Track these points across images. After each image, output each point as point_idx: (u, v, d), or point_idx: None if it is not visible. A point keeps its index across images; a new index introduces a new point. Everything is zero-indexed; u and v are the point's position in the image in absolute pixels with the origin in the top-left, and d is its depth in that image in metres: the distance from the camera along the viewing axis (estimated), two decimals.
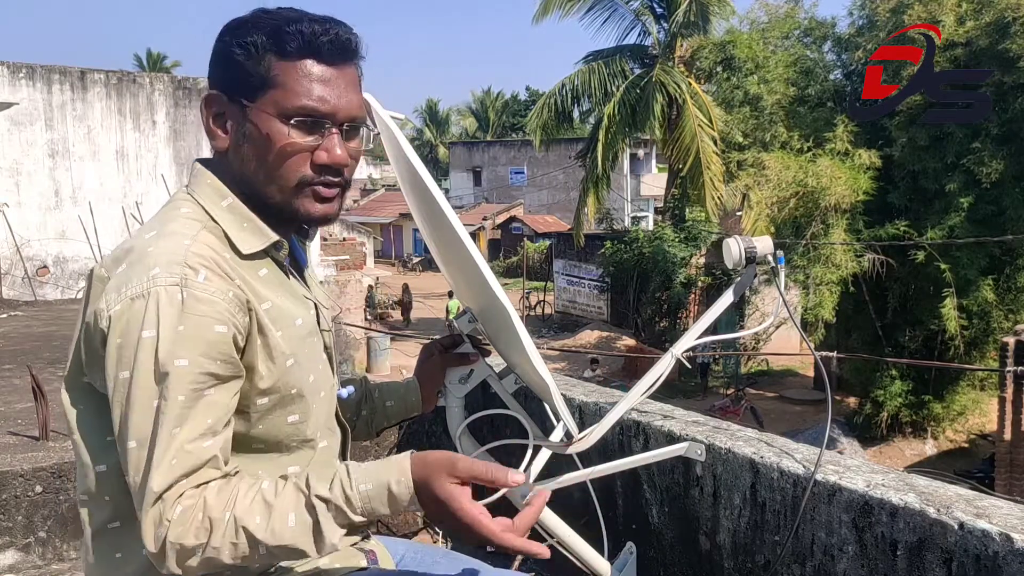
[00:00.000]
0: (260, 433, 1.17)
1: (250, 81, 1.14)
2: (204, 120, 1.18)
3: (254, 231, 1.18)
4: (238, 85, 1.15)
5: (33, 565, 2.90)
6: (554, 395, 1.43)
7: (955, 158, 11.94)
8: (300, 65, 1.14)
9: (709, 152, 18.26)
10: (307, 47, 1.14)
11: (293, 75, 1.14)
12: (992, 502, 1.60)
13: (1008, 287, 13.13)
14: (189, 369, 1.04)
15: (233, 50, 1.14)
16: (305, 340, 1.23)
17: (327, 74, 1.15)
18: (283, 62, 1.14)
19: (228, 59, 1.15)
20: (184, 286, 1.05)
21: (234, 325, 1.08)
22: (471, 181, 45.05)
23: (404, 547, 1.53)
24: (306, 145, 1.15)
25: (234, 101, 1.16)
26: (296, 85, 1.14)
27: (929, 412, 14.00)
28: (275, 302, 1.17)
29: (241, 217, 1.17)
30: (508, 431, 1.47)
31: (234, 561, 1.03)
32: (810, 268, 12.63)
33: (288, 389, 1.18)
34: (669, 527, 2.25)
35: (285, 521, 1.03)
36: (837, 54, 14.92)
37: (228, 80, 1.16)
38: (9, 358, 5.68)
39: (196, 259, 1.08)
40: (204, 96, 1.19)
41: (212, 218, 1.16)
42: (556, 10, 20.75)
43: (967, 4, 12.04)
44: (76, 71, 13.38)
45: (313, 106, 1.14)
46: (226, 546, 1.02)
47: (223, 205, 1.17)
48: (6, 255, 12.78)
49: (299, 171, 1.16)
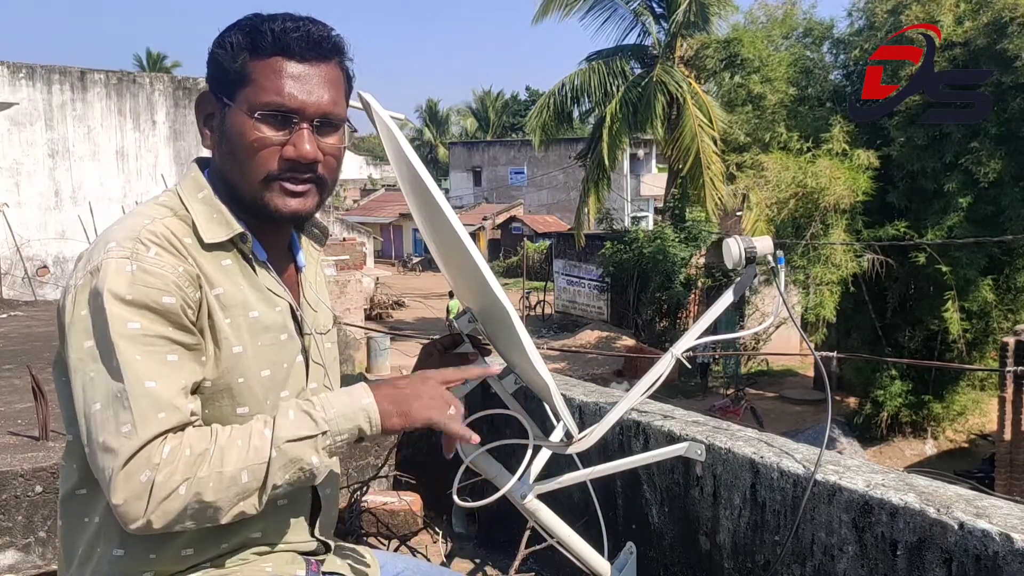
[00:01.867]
0: (207, 418, 1.18)
1: (229, 80, 1.19)
2: (196, 119, 1.26)
3: (221, 222, 1.21)
4: (221, 84, 1.20)
5: (33, 565, 2.90)
6: (554, 395, 1.43)
7: (954, 158, 11.95)
8: (271, 62, 1.18)
9: (709, 152, 18.26)
10: (277, 44, 1.17)
11: (264, 72, 1.17)
12: (992, 502, 1.60)
13: (1008, 287, 13.14)
14: (141, 332, 1.09)
15: (216, 51, 1.20)
16: (261, 334, 1.23)
17: (297, 71, 1.18)
18: (256, 60, 1.18)
19: (212, 59, 1.21)
20: (134, 259, 1.11)
21: (182, 298, 1.13)
22: (471, 181, 45.03)
23: (403, 563, 1.52)
24: (275, 140, 1.18)
25: (219, 100, 1.21)
26: (265, 81, 1.17)
27: (929, 412, 14.00)
28: (228, 290, 1.20)
29: (212, 208, 1.22)
30: (508, 431, 1.47)
31: (216, 497, 1.07)
32: (810, 268, 12.64)
33: (234, 378, 1.20)
34: (669, 527, 2.25)
35: (265, 439, 1.10)
36: (835, 55, 14.94)
37: (213, 80, 1.22)
38: (9, 358, 5.68)
39: (149, 236, 1.13)
40: (197, 96, 1.25)
41: (186, 208, 1.21)
42: (556, 10, 20.75)
43: (965, 4, 12.05)
44: (76, 71, 13.38)
45: (280, 101, 1.17)
46: (212, 476, 1.07)
47: (198, 197, 1.22)
48: (6, 255, 12.78)
49: (266, 166, 1.19)
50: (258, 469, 1.10)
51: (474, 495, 1.75)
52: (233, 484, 1.08)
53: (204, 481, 1.07)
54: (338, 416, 1.14)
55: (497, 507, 1.61)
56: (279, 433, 1.11)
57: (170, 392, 1.09)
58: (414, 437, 3.34)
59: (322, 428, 1.13)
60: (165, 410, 1.08)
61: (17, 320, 8.21)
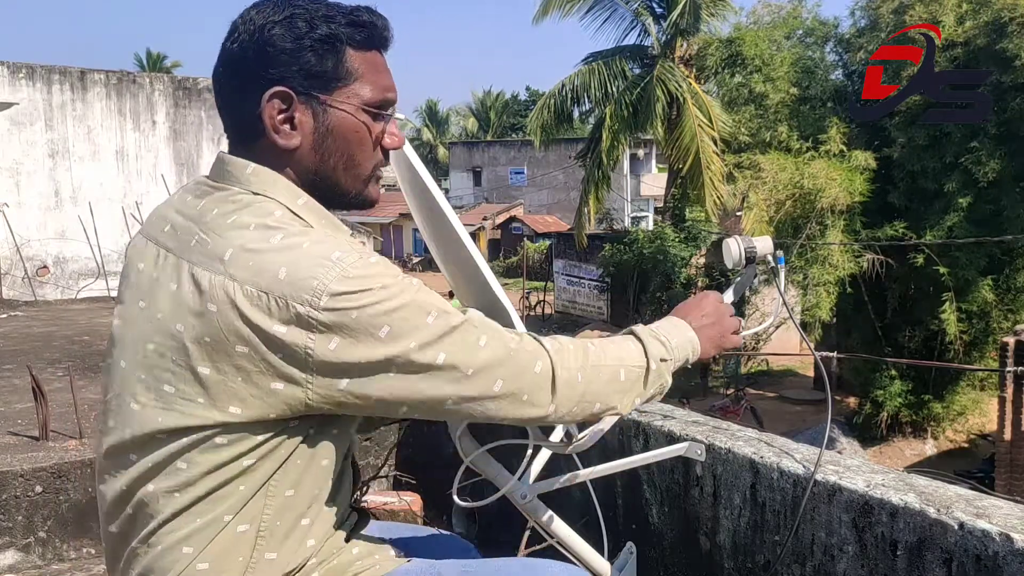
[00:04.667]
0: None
1: (326, 75, 1.13)
2: (269, 118, 1.11)
3: (330, 225, 1.17)
4: (310, 79, 1.12)
5: (33, 565, 2.90)
6: None
7: (954, 158, 11.95)
8: (371, 56, 1.17)
9: (709, 152, 18.26)
10: (376, 38, 1.17)
11: (368, 66, 1.16)
12: (992, 502, 1.60)
13: (1007, 287, 13.14)
14: (444, 304, 1.09)
15: (303, 43, 1.11)
16: None
17: (385, 63, 1.20)
18: (359, 53, 1.15)
19: (296, 53, 1.11)
20: (361, 257, 1.05)
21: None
22: (471, 181, 45.03)
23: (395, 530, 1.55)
24: (378, 133, 1.18)
25: (306, 95, 1.12)
26: (372, 76, 1.16)
27: (929, 412, 14.01)
28: None
29: (317, 214, 1.15)
30: (508, 431, 1.47)
31: (600, 388, 1.18)
32: (808, 269, 12.64)
33: None
34: (669, 527, 2.25)
35: (640, 350, 1.24)
36: (839, 54, 14.94)
37: (298, 74, 1.12)
38: (9, 358, 5.69)
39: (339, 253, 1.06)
40: (271, 93, 1.10)
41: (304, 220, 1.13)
42: (556, 10, 20.75)
43: (967, 4, 12.05)
44: (76, 71, 13.37)
45: (390, 97, 1.18)
46: (599, 367, 1.18)
47: (299, 203, 1.14)
48: (6, 255, 12.77)
49: (374, 159, 1.19)
50: (635, 372, 1.22)
51: (474, 495, 1.75)
52: (614, 380, 1.19)
53: (594, 371, 1.17)
54: (678, 346, 1.28)
55: (497, 507, 1.61)
56: (650, 350, 1.24)
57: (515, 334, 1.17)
58: (414, 435, 3.34)
59: (672, 355, 1.26)
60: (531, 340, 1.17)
61: (17, 320, 8.22)
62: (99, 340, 6.68)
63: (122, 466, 1.10)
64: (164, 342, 1.05)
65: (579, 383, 1.16)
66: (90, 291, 12.56)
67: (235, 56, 1.12)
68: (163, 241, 1.12)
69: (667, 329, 1.31)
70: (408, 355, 1.03)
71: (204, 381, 1.03)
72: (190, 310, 1.03)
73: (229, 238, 1.05)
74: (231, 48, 1.12)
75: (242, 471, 1.06)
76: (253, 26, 1.11)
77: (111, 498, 1.12)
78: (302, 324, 0.99)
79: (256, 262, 1.02)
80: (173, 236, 1.11)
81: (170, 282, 1.07)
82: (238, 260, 1.03)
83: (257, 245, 1.03)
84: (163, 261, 1.10)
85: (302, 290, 0.99)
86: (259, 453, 1.06)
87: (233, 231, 1.06)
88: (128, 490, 1.09)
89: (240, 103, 1.13)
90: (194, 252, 1.07)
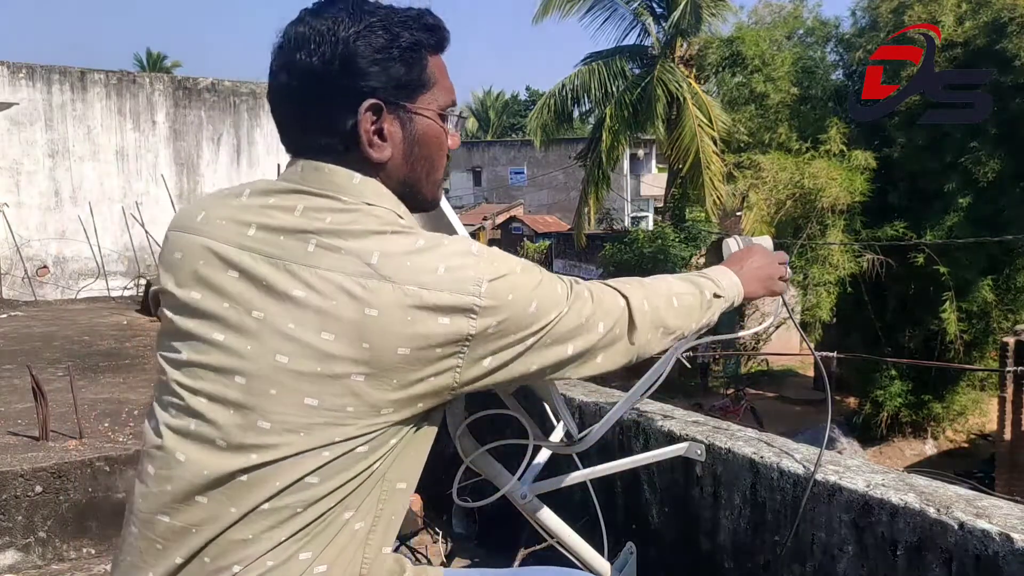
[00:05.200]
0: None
1: (412, 83, 1.12)
2: (365, 132, 1.09)
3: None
4: (399, 89, 1.11)
5: (33, 565, 2.90)
6: (554, 395, 1.43)
7: (953, 158, 11.96)
8: (439, 60, 1.17)
9: (709, 152, 18.26)
10: (444, 41, 1.17)
11: (440, 71, 1.16)
12: (992, 502, 1.60)
13: (1007, 287, 13.15)
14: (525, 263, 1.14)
15: (392, 53, 1.10)
16: None
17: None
18: (433, 58, 1.15)
19: (386, 64, 1.09)
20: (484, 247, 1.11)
21: None
22: (471, 181, 45.04)
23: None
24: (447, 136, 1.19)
25: (395, 105, 1.11)
26: (444, 80, 1.17)
27: (929, 412, 14.01)
28: None
29: (414, 223, 1.15)
30: (508, 431, 1.47)
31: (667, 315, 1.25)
32: (808, 269, 12.65)
33: None
34: (669, 527, 2.25)
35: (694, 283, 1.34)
36: (840, 54, 14.94)
37: (387, 85, 1.10)
38: (9, 358, 5.68)
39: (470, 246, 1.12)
40: (365, 107, 1.08)
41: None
42: (556, 11, 20.75)
43: (966, 4, 12.05)
44: (76, 71, 13.37)
45: (454, 98, 1.19)
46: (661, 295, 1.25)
47: (401, 211, 1.14)
48: (6, 255, 12.77)
49: (444, 162, 1.20)
50: (693, 301, 1.30)
51: (474, 495, 1.75)
52: (670, 305, 1.26)
53: (656, 296, 1.24)
54: (727, 287, 1.37)
55: (497, 507, 1.61)
56: (699, 282, 1.33)
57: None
58: None
59: (723, 294, 1.35)
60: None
61: (17, 320, 8.22)
62: (99, 340, 6.68)
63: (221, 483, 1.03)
64: (302, 352, 1.00)
65: (647, 310, 1.22)
66: (90, 291, 12.57)
67: (316, 70, 1.08)
68: (254, 247, 1.07)
69: (717, 272, 1.41)
70: (551, 326, 1.09)
71: (356, 389, 1.00)
72: (340, 317, 1.00)
73: (369, 243, 1.03)
74: (310, 62, 1.08)
75: (371, 473, 1.05)
76: (335, 38, 1.07)
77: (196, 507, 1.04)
78: (466, 313, 1.02)
79: (413, 263, 1.02)
80: (271, 242, 1.06)
81: (293, 289, 1.02)
82: (391, 263, 1.02)
83: (405, 248, 1.03)
84: (266, 267, 1.05)
85: (464, 281, 1.02)
86: (386, 451, 1.06)
87: (370, 237, 1.04)
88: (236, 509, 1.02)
89: (324, 118, 1.09)
90: (318, 258, 1.03)
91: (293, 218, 1.07)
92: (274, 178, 1.17)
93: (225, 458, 1.03)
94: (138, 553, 1.08)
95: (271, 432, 1.02)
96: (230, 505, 1.03)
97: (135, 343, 6.51)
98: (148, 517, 1.07)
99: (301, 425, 1.01)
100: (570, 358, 1.13)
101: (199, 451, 1.05)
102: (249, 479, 1.02)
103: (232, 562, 1.03)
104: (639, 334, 1.20)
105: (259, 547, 1.02)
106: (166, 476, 1.07)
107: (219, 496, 1.03)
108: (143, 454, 1.11)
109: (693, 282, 1.33)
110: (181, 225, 1.16)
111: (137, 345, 6.40)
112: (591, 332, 1.14)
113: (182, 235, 1.14)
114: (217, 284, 1.08)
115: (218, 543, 1.03)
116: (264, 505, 1.02)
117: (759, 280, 1.45)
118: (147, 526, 1.07)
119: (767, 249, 1.53)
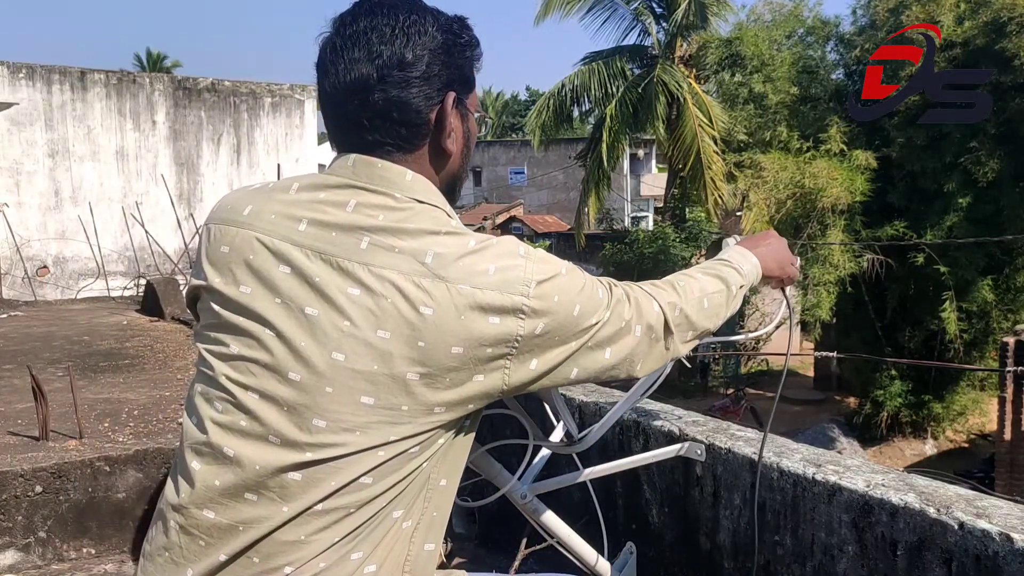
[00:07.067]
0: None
1: (470, 81, 1.17)
2: (448, 125, 1.12)
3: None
4: (463, 85, 1.15)
5: (33, 565, 2.90)
6: (554, 395, 1.43)
7: (953, 158, 11.96)
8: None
9: (709, 152, 18.26)
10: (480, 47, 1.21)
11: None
12: (992, 502, 1.60)
13: (1007, 287, 13.15)
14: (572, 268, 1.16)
15: (464, 52, 1.14)
16: None
17: None
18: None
19: (460, 60, 1.13)
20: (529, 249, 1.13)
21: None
22: (471, 181, 44.98)
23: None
24: None
25: (458, 101, 1.14)
26: (475, 80, 1.19)
27: (929, 412, 14.02)
28: None
29: (460, 223, 1.16)
30: (508, 431, 1.48)
31: (701, 317, 1.26)
32: (808, 269, 12.65)
33: None
34: (669, 527, 2.25)
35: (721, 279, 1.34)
36: (840, 54, 14.94)
37: (458, 80, 1.14)
38: (9, 358, 5.68)
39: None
40: (452, 99, 1.12)
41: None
42: (556, 11, 20.76)
43: (965, 4, 12.06)
44: (76, 71, 13.37)
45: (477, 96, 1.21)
46: (692, 297, 1.26)
47: (449, 210, 1.14)
48: (6, 255, 12.77)
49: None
50: (722, 300, 1.31)
51: (474, 495, 1.75)
52: (708, 307, 1.27)
53: (690, 301, 1.24)
54: (748, 271, 1.39)
55: (497, 507, 1.61)
56: (726, 275, 1.34)
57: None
58: None
59: (745, 281, 1.37)
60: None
61: (17, 320, 8.22)
62: (99, 340, 6.68)
63: (274, 480, 1.01)
64: (358, 350, 1.00)
65: (682, 315, 1.23)
66: (90, 291, 12.57)
67: (406, 60, 1.08)
68: (306, 242, 1.05)
69: (736, 256, 1.41)
70: (594, 330, 1.10)
71: (412, 388, 1.00)
72: (396, 315, 1.00)
73: (423, 243, 1.03)
74: (401, 52, 1.08)
75: (419, 473, 1.05)
76: (423, 31, 1.09)
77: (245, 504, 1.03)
78: (516, 313, 1.02)
79: (465, 263, 1.03)
80: (323, 238, 1.05)
81: (347, 287, 1.01)
82: (445, 263, 1.02)
83: (458, 248, 1.04)
84: (318, 263, 1.04)
85: (514, 282, 1.03)
86: (434, 451, 1.05)
87: (424, 236, 1.04)
88: (289, 509, 1.01)
89: (401, 109, 1.09)
90: (372, 255, 1.02)
91: (345, 214, 1.06)
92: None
93: (279, 455, 1.02)
94: (178, 549, 1.06)
95: (327, 431, 1.01)
96: (282, 504, 1.01)
97: (135, 343, 6.51)
98: (192, 512, 1.05)
99: (357, 424, 1.00)
100: (609, 364, 1.14)
101: (250, 447, 1.03)
102: (304, 478, 1.01)
103: (284, 563, 1.01)
104: (674, 339, 1.22)
105: (312, 548, 1.01)
106: (213, 471, 1.04)
107: (270, 494, 1.02)
108: (184, 448, 1.09)
109: (721, 277, 1.33)
110: (226, 219, 1.13)
111: (137, 345, 6.40)
112: (630, 337, 1.15)
113: (228, 228, 1.11)
114: (269, 279, 1.06)
115: (268, 542, 1.02)
116: (318, 505, 1.01)
117: (776, 261, 1.46)
118: (190, 522, 1.06)
119: (778, 236, 1.55)
